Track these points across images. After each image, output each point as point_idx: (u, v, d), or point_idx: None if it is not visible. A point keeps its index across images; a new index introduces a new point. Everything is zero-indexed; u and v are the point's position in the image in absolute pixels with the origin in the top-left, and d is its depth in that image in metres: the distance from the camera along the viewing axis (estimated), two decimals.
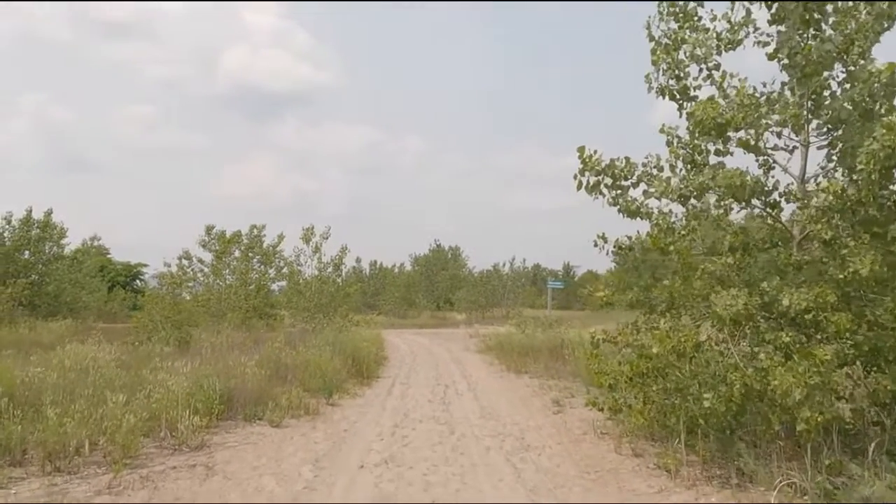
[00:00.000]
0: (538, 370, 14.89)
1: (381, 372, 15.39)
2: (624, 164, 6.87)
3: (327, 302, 23.98)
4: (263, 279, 31.18)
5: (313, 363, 12.31)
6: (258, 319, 27.67)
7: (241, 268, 31.17)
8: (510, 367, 15.74)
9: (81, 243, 42.80)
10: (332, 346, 14.83)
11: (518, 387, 12.89)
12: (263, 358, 12.71)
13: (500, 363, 17.07)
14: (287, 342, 15.59)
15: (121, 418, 6.96)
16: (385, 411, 10.28)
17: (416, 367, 16.83)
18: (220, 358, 13.03)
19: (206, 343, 17.25)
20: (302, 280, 24.59)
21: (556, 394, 11.54)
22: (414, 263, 63.99)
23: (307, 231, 24.19)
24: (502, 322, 42.28)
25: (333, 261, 24.37)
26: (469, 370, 15.97)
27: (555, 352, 16.28)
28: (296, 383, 11.75)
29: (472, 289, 48.03)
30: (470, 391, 12.38)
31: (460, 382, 13.66)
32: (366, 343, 15.87)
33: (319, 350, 13.43)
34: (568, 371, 13.72)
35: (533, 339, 18.37)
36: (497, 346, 19.93)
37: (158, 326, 18.94)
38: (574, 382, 12.77)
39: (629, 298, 7.71)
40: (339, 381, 12.31)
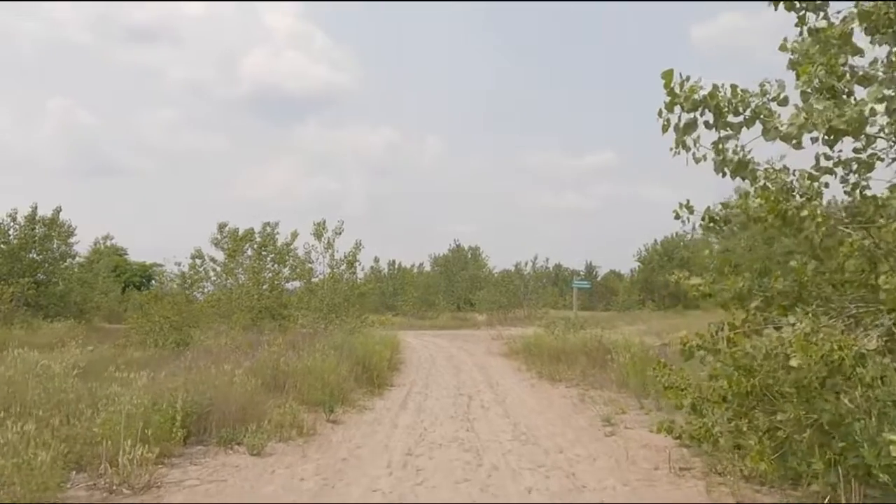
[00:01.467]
0: (574, 377, 12.84)
1: (396, 379, 13.42)
2: (731, 94, 4.78)
3: (340, 302, 22.10)
4: (277, 278, 29.43)
5: (316, 370, 10.36)
6: (270, 320, 25.88)
7: (255, 267, 29.44)
8: (542, 374, 13.68)
9: (94, 242, 41.36)
10: (340, 349, 12.90)
11: (554, 398, 10.84)
12: (259, 364, 10.81)
13: (530, 369, 15.01)
14: (292, 345, 13.73)
15: (34, 450, 5.04)
16: (396, 431, 8.30)
17: (435, 373, 14.83)
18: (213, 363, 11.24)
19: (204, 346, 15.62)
20: (314, 279, 22.73)
21: (602, 409, 9.46)
22: (433, 264, 62.04)
23: (318, 226, 22.36)
24: (525, 323, 40.17)
25: (347, 258, 22.47)
26: (495, 377, 13.94)
27: (592, 356, 14.21)
28: (293, 394, 9.84)
29: (493, 289, 45.89)
30: (498, 404, 10.35)
31: (486, 392, 11.64)
32: (379, 346, 13.90)
33: (324, 354, 11.48)
34: (612, 380, 11.64)
35: (565, 341, 16.27)
36: (524, 350, 17.87)
37: (155, 328, 17.15)
38: (621, 394, 10.69)
39: (736, 287, 5.56)
40: (345, 392, 10.36)
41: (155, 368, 9.45)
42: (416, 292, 47.13)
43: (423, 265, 61.26)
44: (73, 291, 29.96)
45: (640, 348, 12.36)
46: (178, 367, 10.41)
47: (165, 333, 16.88)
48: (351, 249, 22.64)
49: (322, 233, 22.24)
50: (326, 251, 22.30)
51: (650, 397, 9.67)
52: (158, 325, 17.21)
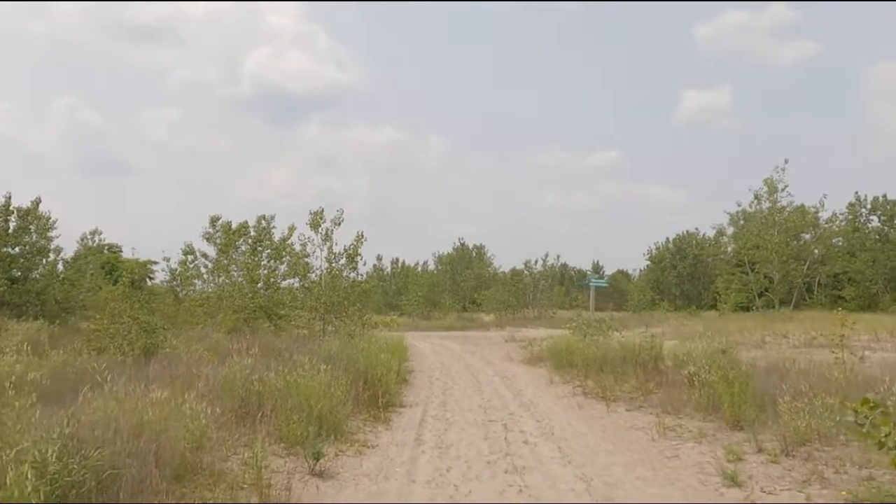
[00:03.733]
0: (630, 395, 9.99)
1: (405, 396, 10.55)
2: None
3: (340, 300, 19.22)
4: (273, 275, 26.59)
5: (302, 391, 7.48)
6: (265, 321, 23.05)
7: (249, 263, 26.58)
8: (585, 390, 10.81)
9: (81, 238, 38.46)
10: (336, 359, 10.04)
11: (620, 428, 7.96)
12: (228, 382, 7.96)
13: (566, 381, 12.15)
14: (278, 352, 10.92)
15: None
16: (414, 490, 5.44)
17: (452, 386, 11.96)
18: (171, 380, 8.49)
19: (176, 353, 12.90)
20: (310, 274, 19.85)
21: (700, 449, 6.60)
22: (437, 262, 59.14)
23: (315, 215, 19.46)
24: (536, 324, 37.27)
25: (347, 251, 19.58)
26: (525, 392, 11.08)
27: (647, 367, 11.37)
28: (270, 427, 7.01)
29: (500, 288, 43.00)
30: (545, 437, 7.48)
31: (523, 417, 8.77)
32: (384, 355, 11.02)
33: (314, 368, 8.60)
34: (686, 401, 8.75)
35: (603, 347, 13.38)
36: (551, 356, 15.02)
37: (122, 331, 14.24)
38: (709, 422, 7.82)
39: None
40: (340, 420, 7.50)
41: (94, 387, 6.60)
42: (420, 291, 44.19)
43: (427, 264, 58.44)
44: (51, 288, 27.07)
45: (714, 358, 9.47)
46: (118, 386, 7.54)
47: (133, 338, 13.99)
48: (352, 242, 19.78)
49: (319, 223, 19.35)
50: (324, 244, 19.41)
51: (767, 430, 6.81)
52: (126, 328, 14.30)
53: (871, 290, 39.70)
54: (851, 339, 19.13)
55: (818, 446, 6.37)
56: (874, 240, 41.15)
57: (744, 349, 15.45)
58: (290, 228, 26.02)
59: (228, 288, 25.70)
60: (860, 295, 39.60)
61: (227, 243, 27.23)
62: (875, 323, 23.52)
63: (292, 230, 25.67)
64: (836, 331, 9.55)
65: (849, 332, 9.61)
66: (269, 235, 29.35)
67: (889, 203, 41.18)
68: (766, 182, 32.61)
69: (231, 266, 26.86)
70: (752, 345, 18.13)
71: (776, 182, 32.43)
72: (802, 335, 20.66)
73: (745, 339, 20.13)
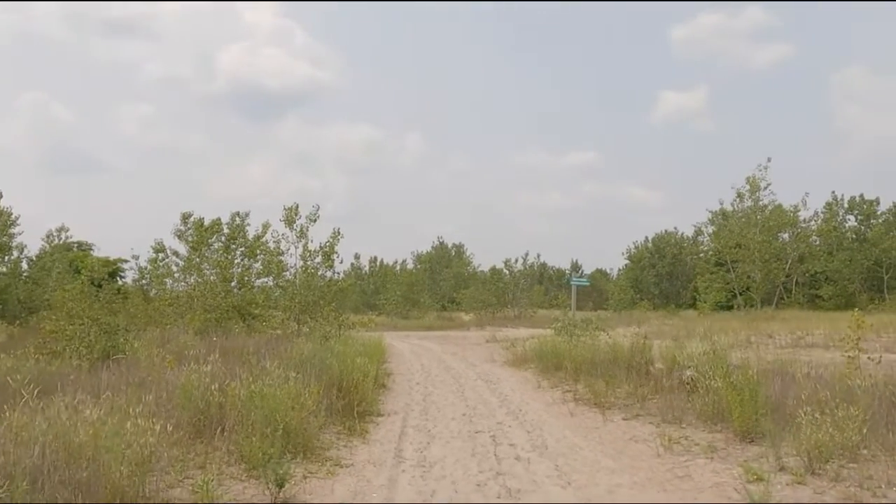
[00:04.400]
0: (625, 401, 9.27)
1: (383, 404, 9.72)
2: None
3: (316, 300, 18.32)
4: (247, 274, 25.54)
5: (268, 401, 6.62)
6: (239, 321, 22.04)
7: (222, 262, 25.49)
8: (577, 395, 10.07)
9: (46, 235, 36.99)
10: (308, 364, 9.19)
11: (619, 440, 7.22)
12: (184, 392, 7.08)
13: (554, 385, 11.42)
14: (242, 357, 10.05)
15: None
16: None
17: (433, 391, 11.16)
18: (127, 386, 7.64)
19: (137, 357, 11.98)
20: (284, 272, 18.91)
21: (721, 466, 5.88)
22: (416, 261, 58.29)
23: (290, 211, 18.53)
24: (516, 323, 36.60)
25: (323, 248, 18.69)
26: (512, 398, 10.31)
27: (641, 371, 10.69)
28: (229, 444, 6.16)
29: (480, 287, 42.27)
30: (539, 452, 6.71)
31: (511, 427, 8.00)
32: (361, 359, 10.18)
33: (284, 375, 7.74)
34: (688, 408, 8.05)
35: (594, 349, 12.67)
36: (536, 358, 14.30)
37: (79, 333, 13.20)
38: (716, 433, 7.11)
39: None
40: (311, 435, 6.66)
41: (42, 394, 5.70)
42: (398, 291, 43.27)
43: (405, 263, 57.54)
44: (13, 287, 25.81)
45: (716, 362, 8.77)
46: (63, 397, 6.64)
47: (92, 340, 12.95)
48: (328, 239, 18.88)
49: (294, 219, 18.43)
50: (299, 241, 18.50)
51: (782, 443, 6.10)
52: (84, 329, 13.27)
53: (848, 289, 39.70)
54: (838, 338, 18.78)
55: (843, 463, 5.68)
56: (851, 239, 41.20)
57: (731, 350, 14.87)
58: (265, 226, 24.99)
59: (200, 287, 24.69)
60: (837, 294, 39.58)
61: (199, 241, 26.15)
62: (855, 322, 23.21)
63: (267, 227, 24.64)
64: (850, 332, 8.86)
65: (862, 333, 8.91)
66: (243, 233, 28.33)
67: (866, 203, 41.26)
68: (749, 180, 32.32)
69: (203, 264, 25.82)
70: (739, 345, 17.58)
71: (759, 180, 32.15)
72: (788, 335, 20.20)
73: (731, 339, 19.63)
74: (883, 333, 19.48)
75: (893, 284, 39.00)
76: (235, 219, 28.97)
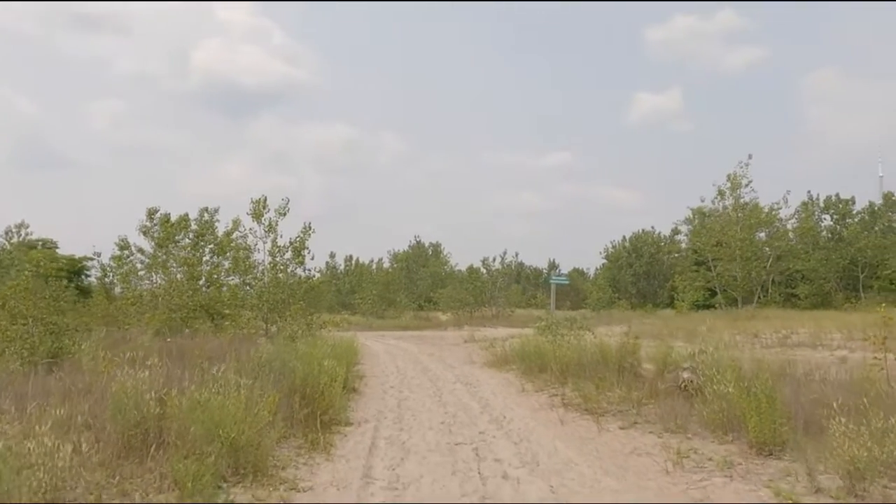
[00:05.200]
0: (619, 407, 8.39)
1: (353, 411, 8.73)
2: None
3: (285, 298, 17.23)
4: (216, 271, 24.34)
5: (214, 413, 5.60)
6: (206, 321, 20.87)
7: (189, 259, 24.28)
8: (565, 400, 9.16)
9: (5, 232, 35.24)
10: (267, 368, 8.17)
11: (620, 455, 6.30)
12: (116, 402, 6.02)
13: (539, 389, 10.52)
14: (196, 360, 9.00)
15: None
16: None
17: (409, 396, 10.19)
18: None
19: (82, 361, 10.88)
20: (253, 269, 17.78)
21: (745, 487, 5.01)
22: (393, 260, 57.18)
23: (257, 203, 17.41)
24: (494, 323, 35.71)
25: (293, 244, 17.59)
26: (495, 404, 9.39)
27: (634, 373, 9.85)
28: (165, 465, 5.14)
29: (458, 286, 41.33)
30: (529, 469, 5.79)
31: (497, 439, 7.06)
32: (329, 361, 9.15)
33: (236, 380, 6.71)
34: (692, 415, 7.20)
35: (580, 349, 11.79)
36: (518, 359, 13.41)
37: (21, 333, 11.97)
38: (727, 444, 6.25)
39: None
40: (265, 450, 5.65)
41: None
42: (374, 290, 42.12)
43: (382, 261, 56.39)
44: None
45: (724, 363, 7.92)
46: None
47: (36, 341, 11.74)
48: (298, 234, 17.78)
49: (262, 213, 17.31)
50: (267, 236, 17.38)
51: (806, 456, 5.25)
52: (27, 330, 12.05)
53: (824, 288, 39.51)
54: (826, 338, 18.22)
55: (885, 482, 4.85)
56: (827, 238, 41.06)
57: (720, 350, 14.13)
58: (235, 222, 23.79)
59: (165, 285, 23.48)
60: (814, 293, 39.38)
61: (165, 237, 24.90)
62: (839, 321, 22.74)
63: (237, 224, 23.43)
64: (879, 331, 8.06)
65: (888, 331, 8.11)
66: (212, 229, 27.10)
67: (841, 202, 41.15)
68: (730, 177, 31.80)
69: (170, 262, 24.58)
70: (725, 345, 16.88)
71: (740, 177, 31.63)
72: (772, 334, 19.60)
73: (715, 338, 18.97)
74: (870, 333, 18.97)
75: (869, 283, 38.89)
76: (204, 215, 27.74)
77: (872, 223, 40.44)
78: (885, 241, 38.33)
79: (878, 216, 40.74)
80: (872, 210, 40.92)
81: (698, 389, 8.29)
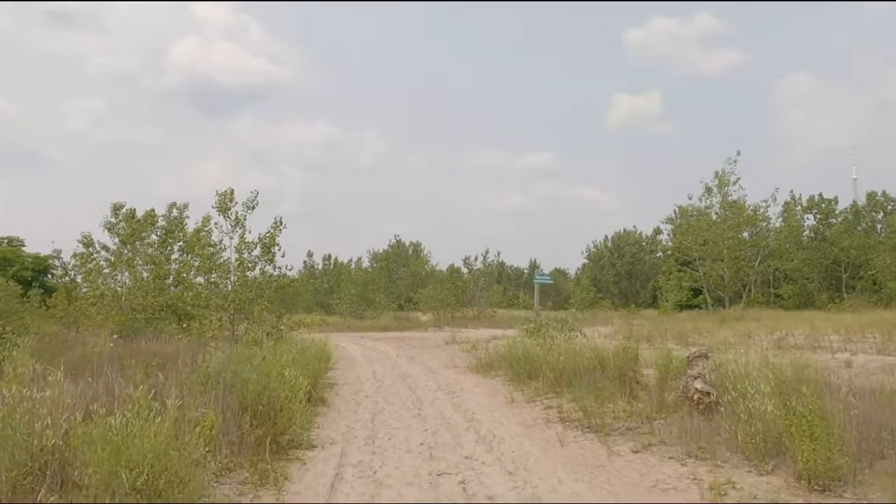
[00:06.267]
0: (625, 422, 7.21)
1: (318, 429, 7.44)
2: None
3: (253, 298, 15.86)
4: (184, 270, 22.84)
5: (133, 442, 4.29)
6: (173, 322, 19.45)
7: (155, 258, 22.74)
8: (561, 412, 7.96)
9: None
10: (213, 381, 6.85)
11: (641, 489, 5.10)
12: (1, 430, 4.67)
13: (530, 399, 9.31)
14: (132, 370, 7.70)
15: None
16: None
17: (385, 409, 8.92)
18: None
19: None
20: (217, 266, 16.36)
21: None
22: (372, 259, 55.76)
23: (223, 196, 16.02)
24: (476, 323, 34.55)
25: (262, 240, 16.21)
26: (483, 419, 8.16)
27: (637, 381, 8.69)
28: None
29: (438, 286, 40.08)
30: None
31: (487, 466, 5.84)
32: (291, 370, 7.85)
33: (161, 399, 5.39)
34: (715, 434, 6.03)
35: (574, 354, 10.59)
36: (505, 363, 12.22)
37: None
38: (780, 475, 5.09)
39: None
40: (194, 491, 4.36)
41: None
42: (353, 289, 40.70)
43: (361, 261, 54.91)
44: None
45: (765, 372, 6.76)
46: None
47: None
48: (269, 230, 16.38)
49: (227, 206, 15.91)
50: (234, 230, 15.98)
51: (868, 490, 4.09)
52: None
53: (807, 288, 38.92)
54: (823, 339, 17.27)
55: None
56: (810, 238, 40.48)
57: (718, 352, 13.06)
58: (205, 218, 22.26)
59: (130, 285, 21.97)
60: (797, 293, 38.77)
61: (131, 234, 23.31)
62: (831, 321, 21.91)
63: (207, 220, 21.90)
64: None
65: None
66: (181, 226, 25.52)
67: (825, 202, 40.60)
68: (718, 174, 30.89)
69: (136, 260, 23.02)
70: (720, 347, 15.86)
71: (728, 174, 30.71)
72: (767, 335, 18.65)
73: (707, 340, 17.97)
74: (867, 333, 18.11)
75: (852, 284, 38.35)
76: (173, 210, 26.15)
77: (856, 223, 39.92)
78: (868, 240, 37.81)
79: (861, 216, 40.24)
80: (856, 210, 40.42)
81: (714, 403, 7.18)
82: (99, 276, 25.28)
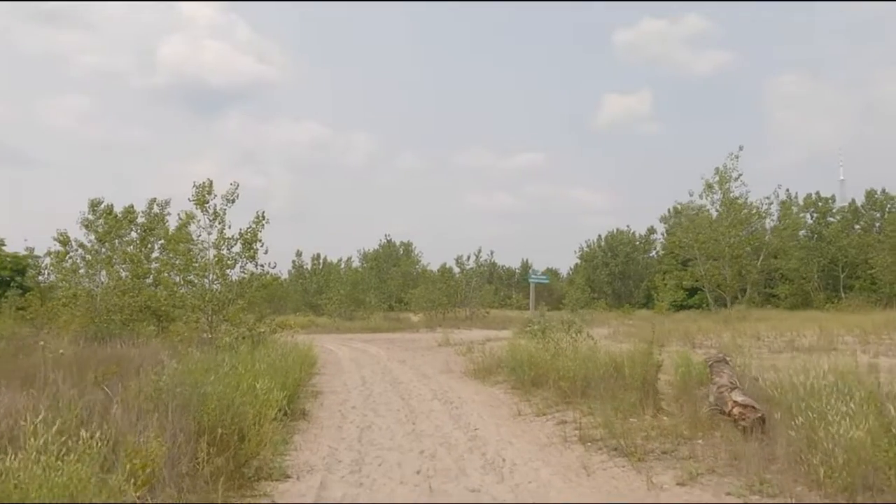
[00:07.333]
0: (658, 441, 6.07)
1: (295, 451, 6.25)
2: None
3: (233, 297, 14.63)
4: (165, 268, 21.48)
5: (33, 489, 3.10)
6: (154, 323, 18.25)
7: (133, 256, 21.42)
8: (578, 428, 6.80)
9: None
10: (166, 397, 5.65)
11: None
12: None
13: (539, 412, 8.14)
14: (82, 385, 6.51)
15: None
16: None
17: (373, 424, 7.74)
18: None
19: None
20: (195, 264, 15.10)
21: None
22: (363, 259, 54.48)
23: (201, 188, 14.77)
24: (469, 324, 33.38)
25: (243, 235, 14.97)
26: (488, 437, 6.99)
27: (650, 388, 7.58)
28: None
29: (430, 286, 38.87)
30: None
31: (496, 498, 4.68)
32: (265, 380, 6.66)
33: (77, 433, 4.21)
34: (767, 457, 4.90)
35: (586, 359, 9.43)
36: (508, 368, 11.09)
37: None
38: None
39: None
40: None
41: None
42: (343, 290, 39.38)
43: (351, 260, 53.58)
44: None
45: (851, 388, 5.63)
46: None
47: None
48: (250, 224, 15.13)
49: (205, 199, 14.65)
50: (213, 224, 14.72)
51: None
52: None
53: (804, 287, 38.05)
54: (838, 341, 16.26)
55: None
56: (807, 237, 39.63)
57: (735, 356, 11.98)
58: (187, 215, 20.96)
59: (105, 284, 20.70)
60: (794, 293, 37.91)
61: (108, 231, 21.99)
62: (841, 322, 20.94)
63: (189, 217, 20.57)
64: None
65: None
66: (162, 223, 24.18)
67: (822, 200, 39.77)
68: (719, 171, 29.85)
69: (115, 258, 21.70)
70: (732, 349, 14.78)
71: (729, 170, 29.64)
72: (777, 337, 17.61)
73: (714, 341, 16.93)
74: (883, 335, 17.11)
75: (850, 283, 37.52)
76: (153, 207, 24.80)
77: (854, 222, 39.10)
78: (866, 239, 36.97)
79: (860, 215, 39.41)
80: (854, 209, 39.60)
81: (759, 420, 6.07)
82: (75, 276, 23.93)
